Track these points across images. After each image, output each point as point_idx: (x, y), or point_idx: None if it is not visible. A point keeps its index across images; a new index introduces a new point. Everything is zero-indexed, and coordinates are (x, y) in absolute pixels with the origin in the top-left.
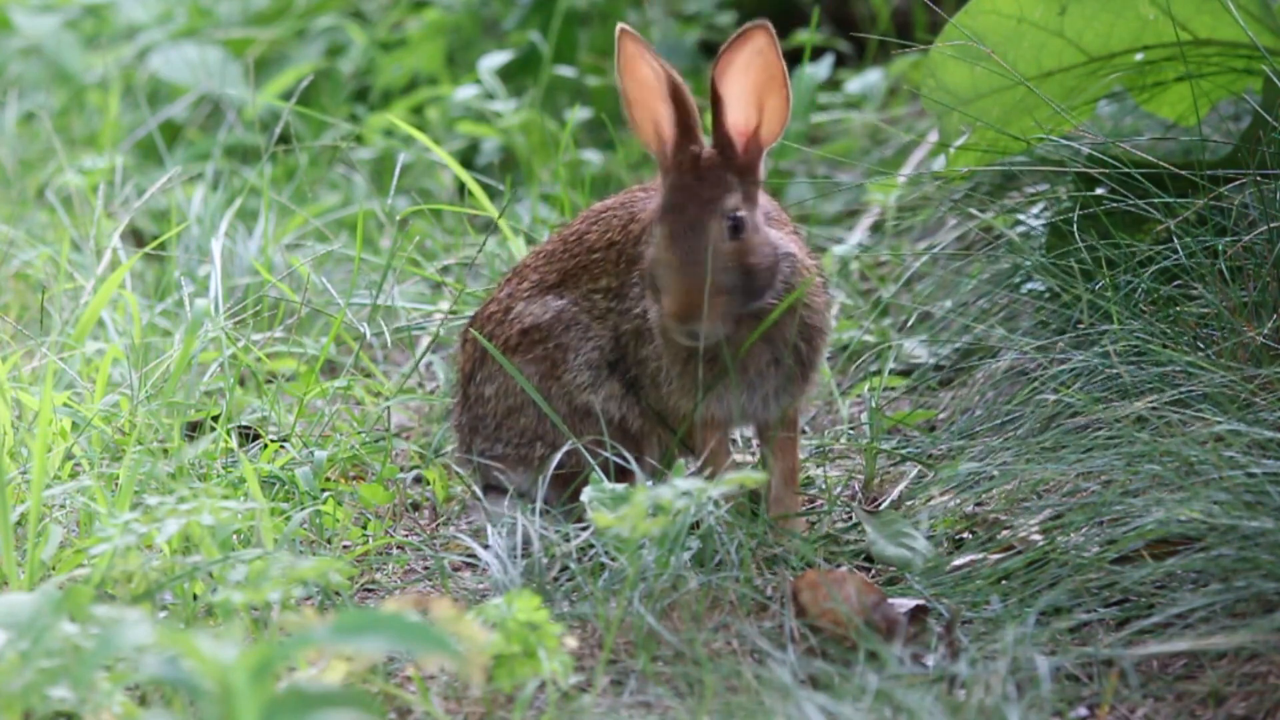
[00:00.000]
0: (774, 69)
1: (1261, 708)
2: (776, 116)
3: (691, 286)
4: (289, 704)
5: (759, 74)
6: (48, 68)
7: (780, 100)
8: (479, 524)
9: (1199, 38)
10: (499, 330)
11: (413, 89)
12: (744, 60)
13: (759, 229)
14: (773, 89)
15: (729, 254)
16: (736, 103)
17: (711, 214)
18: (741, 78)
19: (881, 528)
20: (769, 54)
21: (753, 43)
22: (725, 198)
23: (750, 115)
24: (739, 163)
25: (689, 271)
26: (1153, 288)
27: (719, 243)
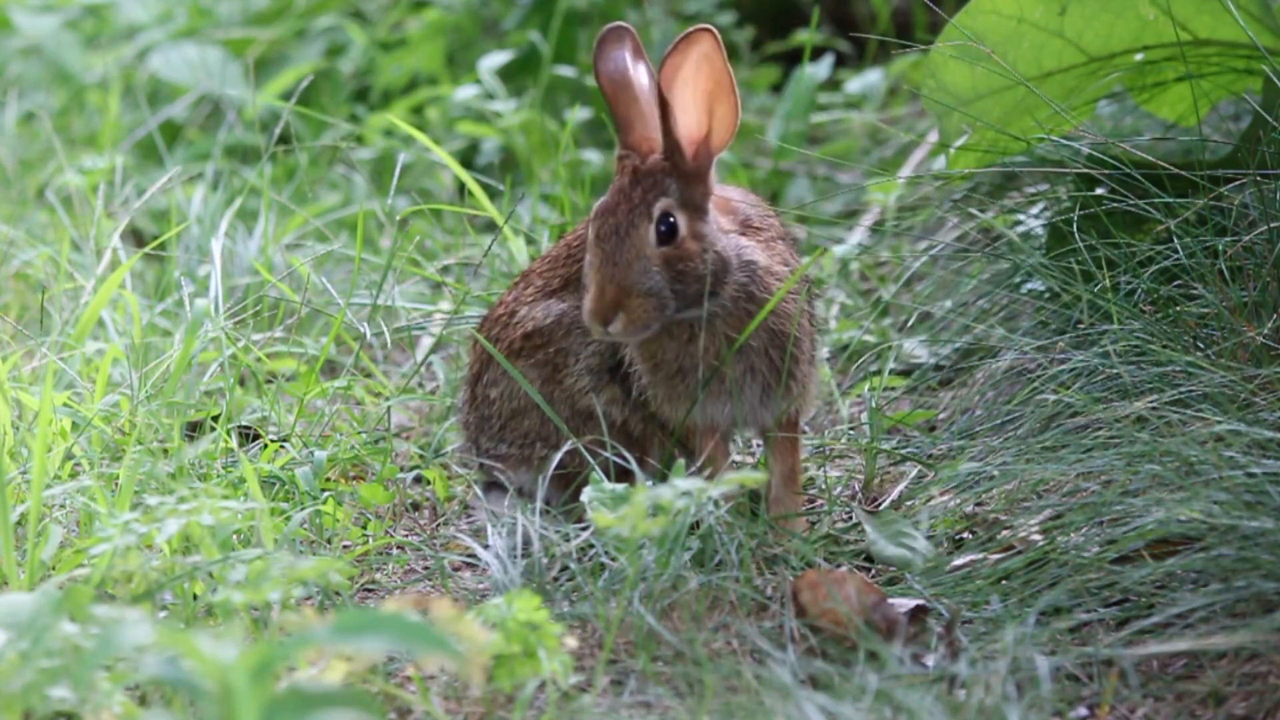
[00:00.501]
0: (721, 75)
1: (1261, 708)
2: (726, 123)
3: (607, 287)
4: (289, 704)
5: (707, 80)
6: (48, 68)
7: (729, 107)
8: (479, 523)
9: (1199, 38)
10: (503, 334)
11: (413, 89)
12: (691, 65)
13: (702, 236)
14: (721, 95)
15: (657, 258)
16: (685, 109)
17: (640, 216)
18: (689, 84)
19: (881, 528)
20: (715, 59)
21: (698, 47)
22: (658, 201)
23: (700, 121)
24: (686, 169)
25: (607, 272)
26: (1153, 288)
27: (644, 245)
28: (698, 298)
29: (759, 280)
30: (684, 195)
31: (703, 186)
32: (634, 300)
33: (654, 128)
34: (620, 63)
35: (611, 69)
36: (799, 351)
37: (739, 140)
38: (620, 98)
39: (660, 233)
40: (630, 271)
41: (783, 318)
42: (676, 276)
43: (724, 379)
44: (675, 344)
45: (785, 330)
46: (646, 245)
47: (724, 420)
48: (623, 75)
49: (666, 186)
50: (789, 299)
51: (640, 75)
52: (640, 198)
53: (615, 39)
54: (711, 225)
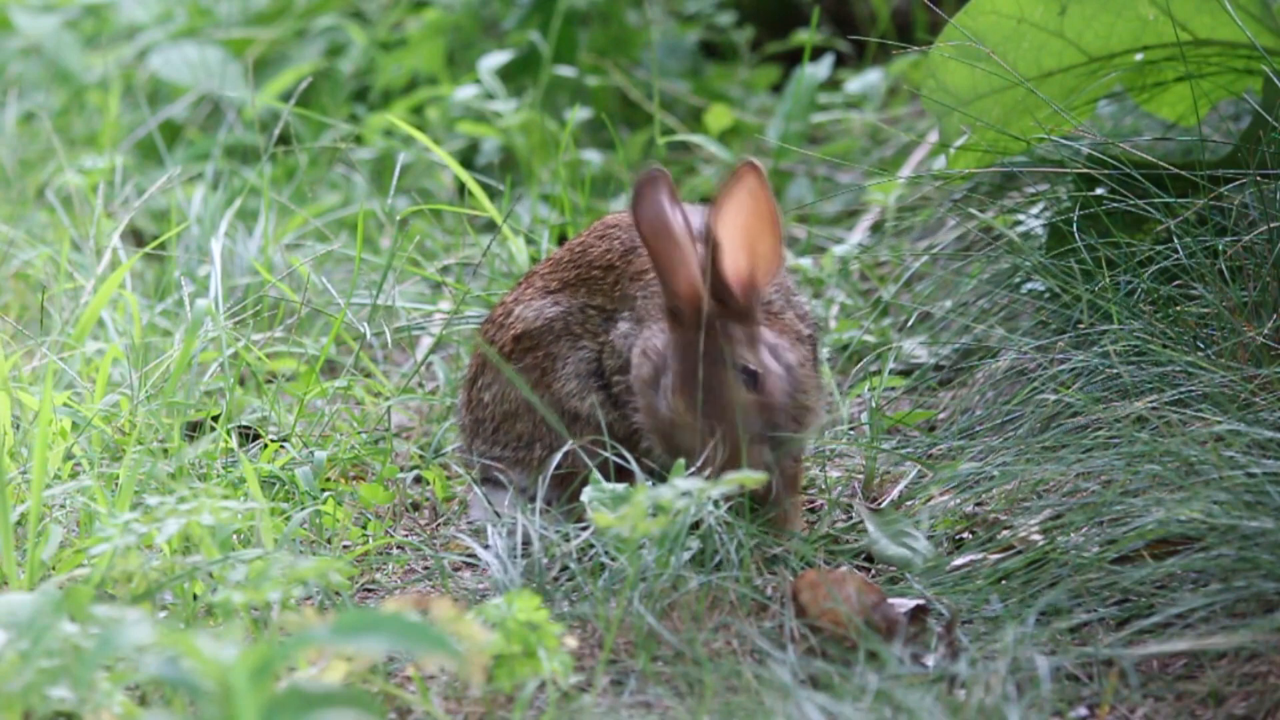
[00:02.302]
0: (765, 209)
1: (1261, 708)
2: (770, 258)
3: (725, 452)
4: (289, 704)
5: (751, 215)
6: (48, 68)
7: (773, 240)
8: (479, 523)
9: (1199, 38)
10: (498, 335)
11: (413, 89)
12: (737, 203)
13: (768, 366)
14: (765, 229)
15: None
16: (732, 248)
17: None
18: (733, 219)
19: (883, 526)
20: (760, 194)
21: (745, 183)
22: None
23: (744, 260)
24: (738, 308)
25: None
26: (1153, 288)
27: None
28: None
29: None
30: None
31: (754, 320)
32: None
33: (696, 271)
34: (659, 208)
35: (652, 216)
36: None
37: (739, 140)
38: (661, 245)
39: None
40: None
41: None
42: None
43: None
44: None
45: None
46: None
47: None
48: (663, 221)
49: (732, 333)
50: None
51: (678, 219)
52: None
53: (651, 185)
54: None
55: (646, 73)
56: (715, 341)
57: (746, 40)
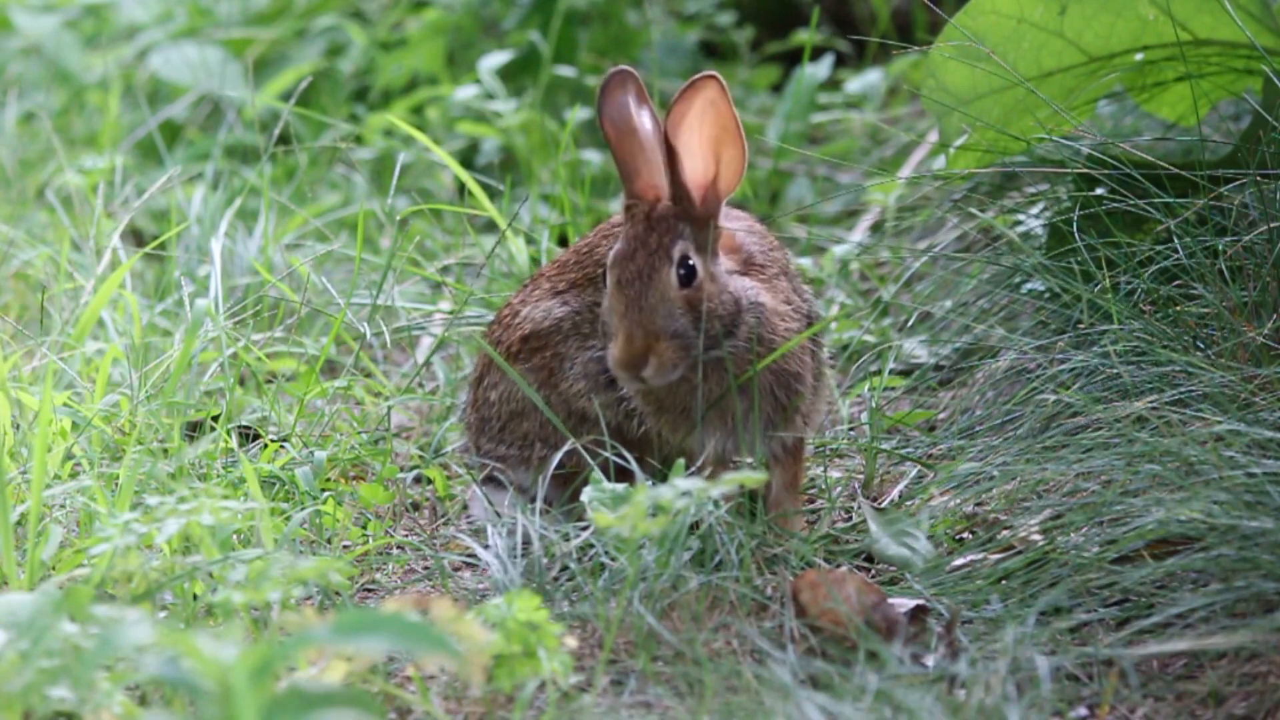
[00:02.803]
0: (727, 120)
1: (1261, 708)
2: (733, 168)
3: (636, 334)
4: (289, 704)
5: (713, 126)
6: (48, 68)
7: (736, 151)
8: (479, 523)
9: (1199, 38)
10: (505, 335)
11: (413, 89)
12: (697, 112)
13: (716, 278)
14: (728, 140)
15: (680, 300)
16: (692, 155)
17: (661, 260)
18: (696, 130)
19: (885, 525)
20: (721, 105)
21: (704, 94)
22: (675, 244)
23: (707, 166)
24: (696, 213)
25: (634, 318)
26: (1153, 288)
27: (668, 289)
28: (717, 339)
29: (767, 322)
30: (696, 239)
31: (712, 230)
32: (663, 344)
33: (659, 173)
34: (624, 109)
35: (616, 115)
36: (802, 387)
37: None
38: (625, 144)
39: (681, 275)
40: (656, 316)
41: (787, 357)
42: (698, 318)
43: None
44: (684, 385)
45: (789, 369)
46: (670, 289)
47: (723, 448)
48: (627, 121)
49: (681, 230)
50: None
51: (644, 121)
52: (658, 242)
53: (619, 84)
54: (721, 267)
55: (646, 73)
56: (659, 235)
57: (746, 40)
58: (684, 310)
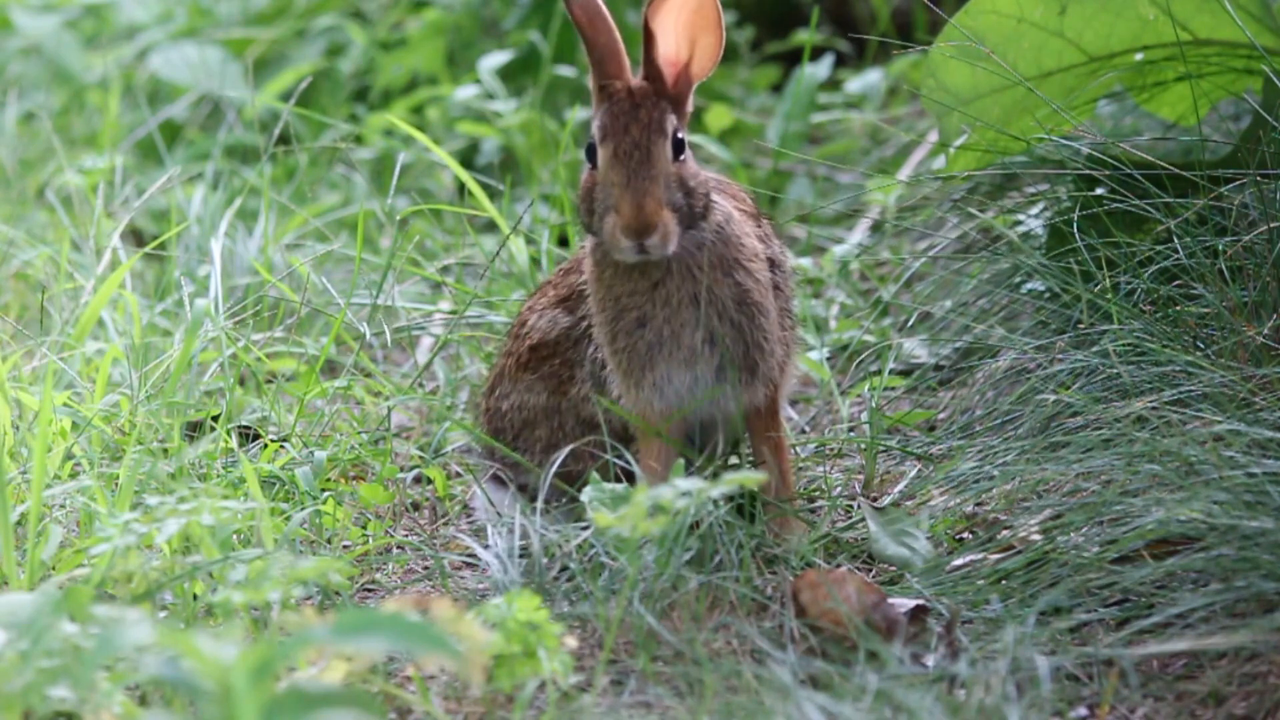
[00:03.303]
0: (708, 8)
1: (1261, 708)
2: (708, 53)
3: (644, 200)
4: (289, 704)
5: (693, 12)
6: (48, 68)
7: (713, 38)
8: (479, 523)
9: (1199, 38)
10: (514, 345)
11: (413, 89)
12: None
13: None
14: (706, 27)
15: (674, 174)
16: (668, 35)
17: (657, 132)
18: (675, 13)
19: (885, 524)
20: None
21: None
22: (666, 119)
23: (681, 49)
24: (668, 94)
25: (640, 186)
26: (1153, 288)
27: (664, 162)
28: (700, 215)
29: (732, 228)
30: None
31: (683, 112)
32: (666, 213)
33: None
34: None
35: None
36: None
37: (739, 140)
38: (595, 25)
39: (674, 147)
40: (657, 186)
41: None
42: (687, 192)
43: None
44: (643, 286)
45: (751, 297)
46: (666, 161)
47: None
48: (595, 4)
49: (665, 106)
50: (755, 263)
51: None
52: (648, 116)
53: None
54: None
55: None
56: (648, 110)
57: (746, 40)
58: (678, 184)
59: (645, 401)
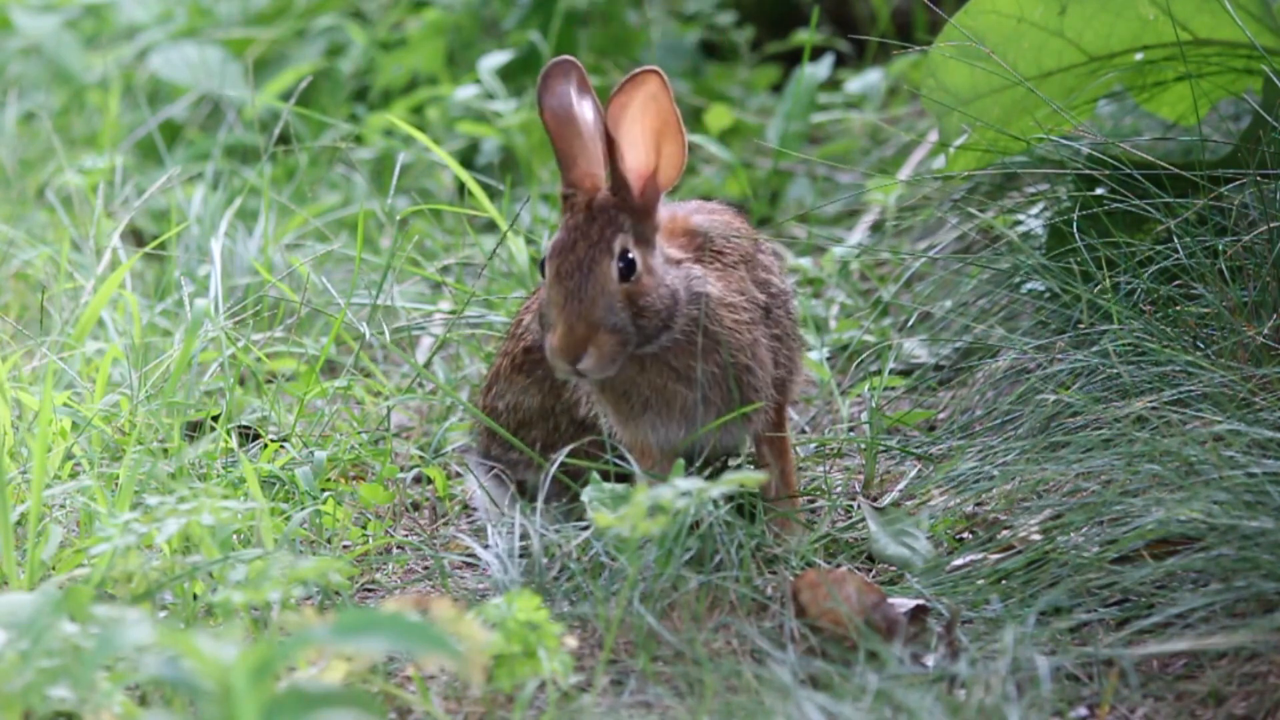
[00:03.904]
0: (668, 114)
1: (1261, 708)
2: (674, 161)
3: (576, 324)
4: (289, 704)
5: (654, 119)
6: (48, 68)
7: (677, 146)
8: (479, 523)
9: (1199, 38)
10: (510, 345)
11: (413, 89)
12: (638, 105)
13: (654, 271)
14: (669, 134)
15: (620, 294)
16: (633, 146)
17: (601, 252)
18: (638, 121)
19: (885, 524)
20: (662, 99)
21: (645, 88)
22: (616, 237)
23: (648, 158)
24: (634, 205)
25: (573, 309)
26: (1153, 288)
27: (608, 282)
28: (656, 332)
29: (712, 313)
30: (636, 229)
31: (650, 222)
32: (602, 336)
33: (598, 164)
34: (565, 98)
35: (556, 104)
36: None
37: (739, 140)
38: (564, 133)
39: (621, 269)
40: (596, 308)
41: (735, 349)
42: (637, 312)
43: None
44: (625, 374)
45: (737, 362)
46: (610, 281)
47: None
48: (567, 111)
49: (622, 222)
50: (740, 329)
51: (585, 111)
52: (599, 234)
53: (561, 73)
54: (659, 260)
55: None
56: (600, 227)
57: (746, 40)
58: (623, 304)
59: (639, 436)
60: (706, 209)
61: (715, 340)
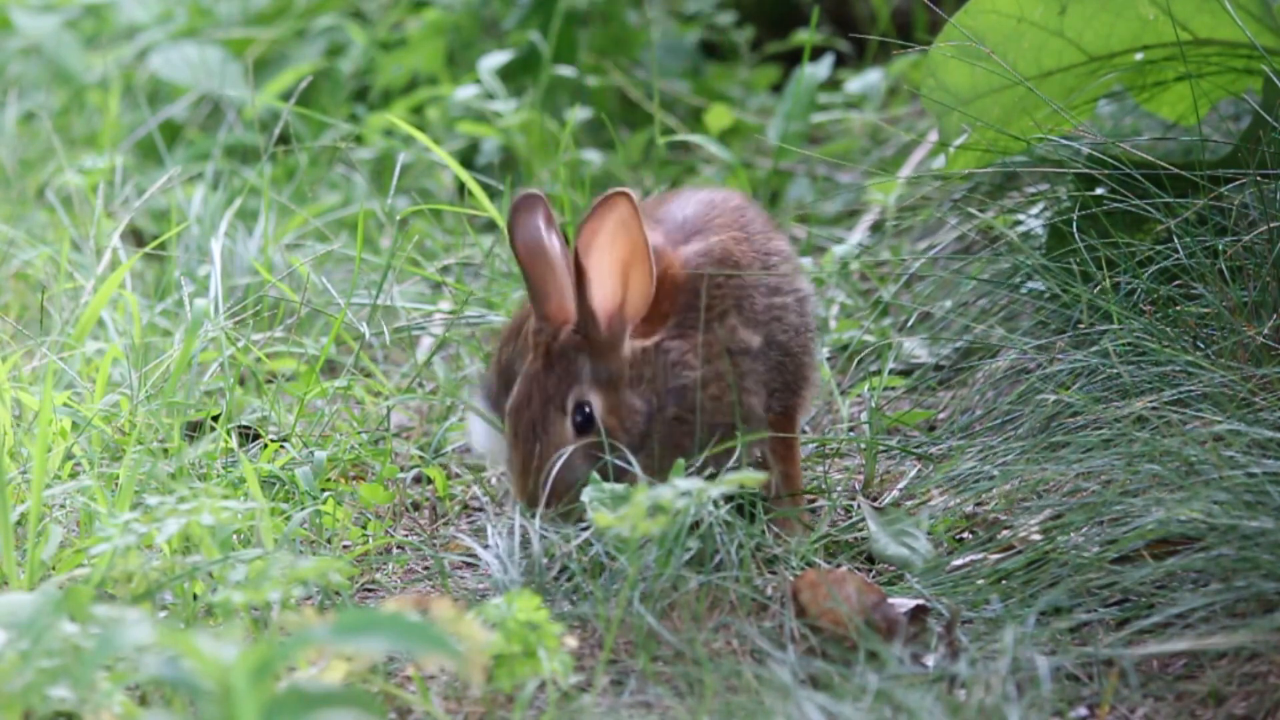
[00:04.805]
0: (637, 240)
1: (1261, 708)
2: (640, 290)
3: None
4: (289, 704)
5: (624, 248)
6: (48, 68)
7: (644, 276)
8: (480, 523)
9: (1199, 38)
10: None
11: (413, 89)
12: (609, 232)
13: (620, 406)
14: (637, 263)
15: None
16: (602, 278)
17: (555, 410)
18: (607, 251)
19: (885, 524)
20: (632, 224)
21: (615, 212)
22: (571, 390)
23: (615, 291)
24: (599, 340)
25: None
26: (1153, 288)
27: (562, 440)
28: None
29: (687, 400)
30: (597, 373)
31: (617, 355)
32: (559, 489)
33: (569, 296)
34: (535, 231)
35: (528, 237)
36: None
37: (739, 140)
38: (537, 267)
39: (577, 423)
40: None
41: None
42: (599, 452)
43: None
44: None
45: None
46: (564, 439)
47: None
48: (538, 244)
49: (579, 372)
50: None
51: (554, 243)
52: (554, 388)
53: (527, 208)
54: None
55: (646, 73)
56: (556, 379)
57: (746, 40)
58: (581, 453)
59: None
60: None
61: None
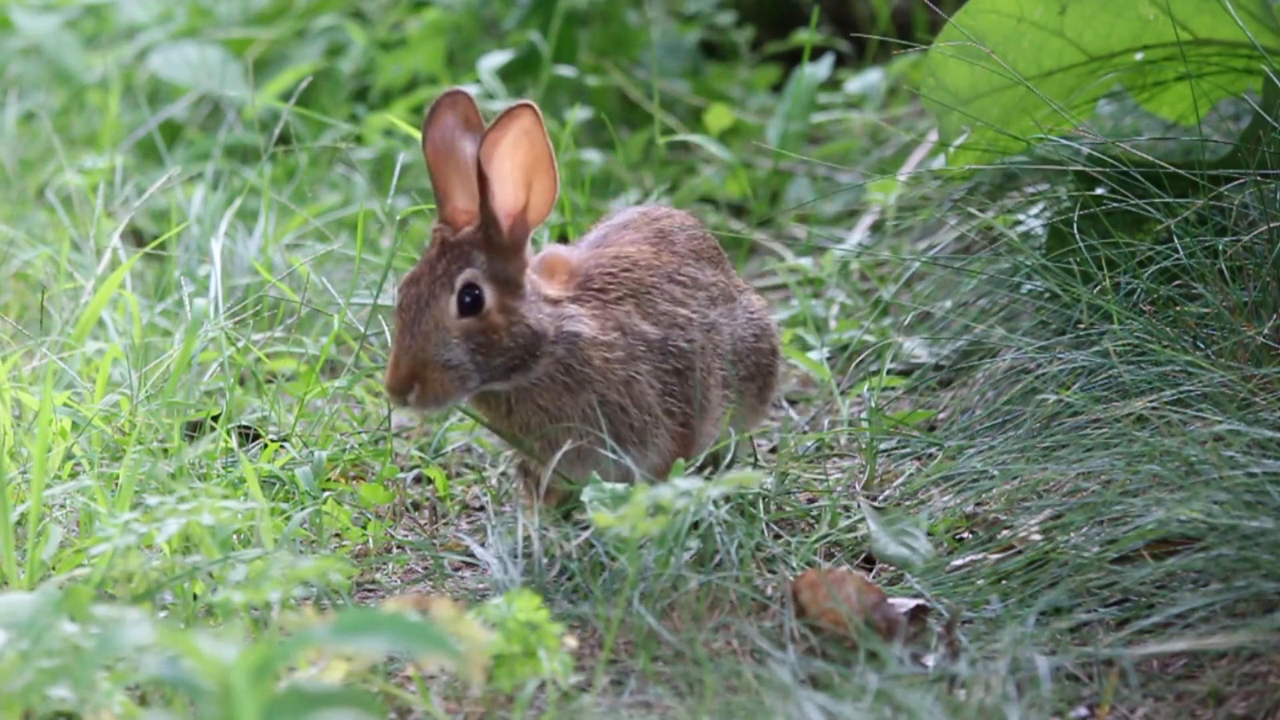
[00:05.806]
0: (540, 149)
1: (1261, 708)
2: (544, 197)
3: (404, 358)
4: (289, 704)
5: (526, 154)
6: (48, 68)
7: (548, 180)
8: (479, 523)
9: (1199, 38)
10: None
11: (413, 89)
12: (511, 140)
13: (512, 309)
14: (540, 169)
15: (458, 330)
16: (504, 182)
17: (443, 287)
18: (509, 157)
19: (885, 524)
20: (535, 134)
21: (519, 122)
22: (461, 272)
23: (518, 195)
24: (500, 242)
25: (404, 343)
26: (1153, 288)
27: (445, 317)
28: (507, 371)
29: (579, 353)
30: (494, 268)
31: (517, 260)
32: (430, 373)
33: (473, 199)
34: (448, 131)
35: (439, 137)
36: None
37: (739, 140)
38: (442, 167)
39: (464, 304)
40: (428, 343)
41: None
42: (479, 349)
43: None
44: (494, 414)
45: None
46: (447, 317)
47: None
48: (448, 145)
49: (473, 259)
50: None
51: (466, 146)
52: (445, 269)
53: (448, 106)
54: (527, 298)
55: (646, 73)
56: (448, 261)
57: (746, 40)
58: (461, 340)
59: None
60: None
61: (585, 380)
